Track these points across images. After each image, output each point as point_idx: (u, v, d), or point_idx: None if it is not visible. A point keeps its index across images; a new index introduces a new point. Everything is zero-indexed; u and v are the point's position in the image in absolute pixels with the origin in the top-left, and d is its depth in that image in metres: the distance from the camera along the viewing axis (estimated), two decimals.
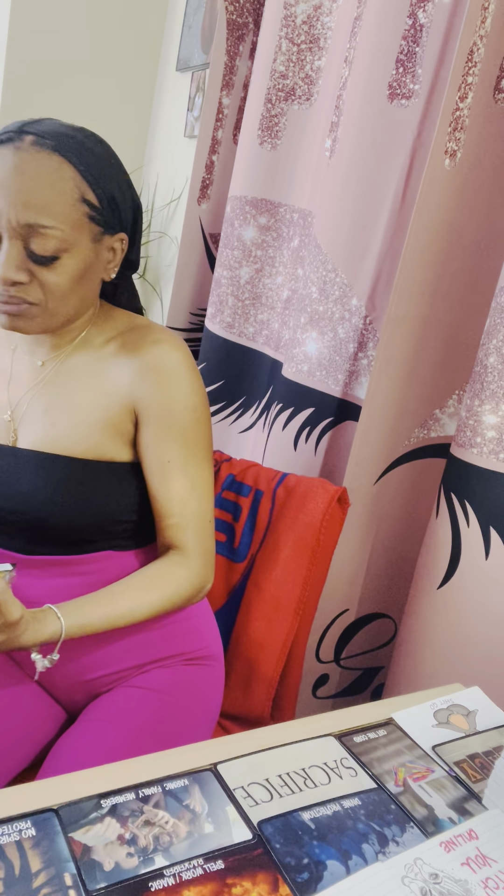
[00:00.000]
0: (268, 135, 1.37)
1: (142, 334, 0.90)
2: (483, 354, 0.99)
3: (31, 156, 0.77)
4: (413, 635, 1.10)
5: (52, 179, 0.78)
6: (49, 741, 0.91)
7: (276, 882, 0.53)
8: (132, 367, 0.88)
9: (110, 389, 0.88)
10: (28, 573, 0.90)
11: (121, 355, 0.89)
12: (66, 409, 0.89)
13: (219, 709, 0.97)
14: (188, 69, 2.26)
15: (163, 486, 0.89)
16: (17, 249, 0.78)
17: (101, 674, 0.91)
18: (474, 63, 0.99)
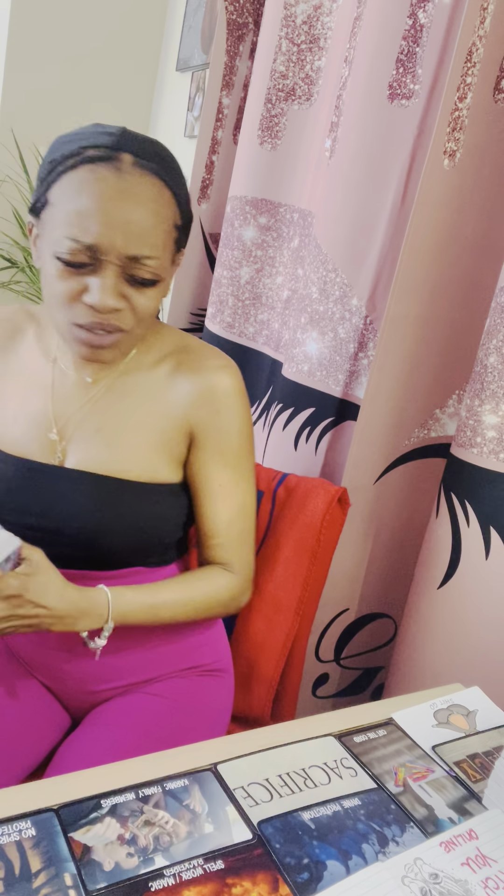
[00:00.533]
0: (268, 135, 1.37)
1: (197, 357, 0.89)
2: (483, 354, 0.99)
3: (135, 180, 0.74)
4: (413, 635, 1.10)
5: (156, 207, 0.76)
6: (52, 745, 0.91)
7: (276, 882, 0.53)
8: (190, 391, 0.87)
9: (166, 412, 0.88)
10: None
11: (177, 378, 0.88)
12: (121, 430, 0.87)
13: (228, 721, 0.97)
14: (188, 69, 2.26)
15: (212, 508, 0.90)
16: (115, 276, 0.76)
17: (113, 685, 0.91)
18: (473, 63, 0.99)
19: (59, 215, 0.75)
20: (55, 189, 0.75)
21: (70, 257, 0.74)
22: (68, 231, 0.74)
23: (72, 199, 0.74)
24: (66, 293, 0.77)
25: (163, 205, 0.77)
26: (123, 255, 0.75)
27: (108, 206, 0.73)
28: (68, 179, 0.74)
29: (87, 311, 0.77)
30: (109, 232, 0.73)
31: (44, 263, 0.79)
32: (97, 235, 0.73)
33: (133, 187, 0.74)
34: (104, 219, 0.73)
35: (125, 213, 0.74)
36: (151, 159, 0.77)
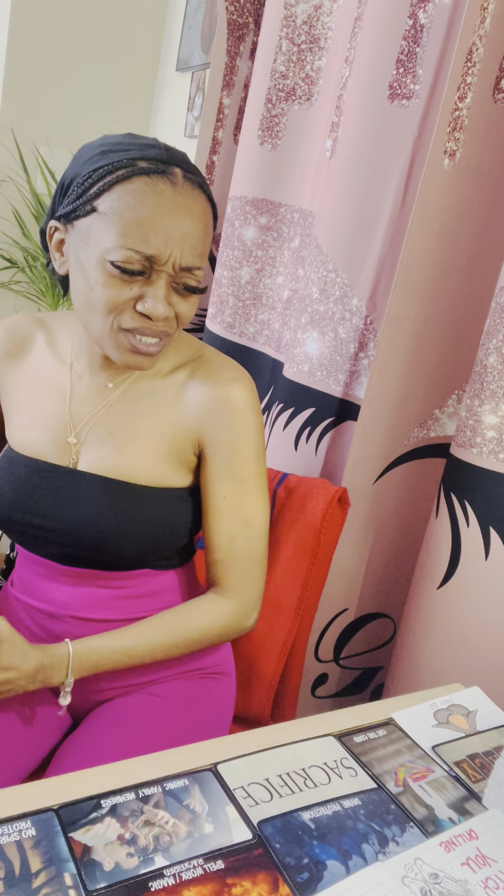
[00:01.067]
0: (268, 135, 1.37)
1: (213, 368, 0.89)
2: (483, 354, 0.99)
3: (190, 195, 0.77)
4: (413, 635, 1.10)
5: (207, 222, 0.80)
6: (52, 745, 0.91)
7: (276, 882, 0.53)
8: (203, 401, 0.87)
9: (179, 420, 0.88)
10: (63, 581, 0.90)
11: (191, 387, 0.88)
12: (134, 434, 0.87)
13: (229, 723, 0.97)
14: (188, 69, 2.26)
15: (215, 521, 0.89)
16: (168, 285, 0.78)
17: (114, 686, 0.91)
18: (473, 63, 0.99)
19: (114, 225, 0.75)
20: (106, 198, 0.76)
21: (125, 265, 0.75)
22: (127, 241, 0.75)
23: (130, 210, 0.75)
24: (115, 300, 0.77)
25: (209, 218, 0.81)
26: (179, 265, 0.77)
27: (168, 218, 0.75)
28: (123, 189, 0.75)
29: (138, 318, 0.79)
30: (169, 244, 0.75)
31: (85, 271, 0.78)
32: (157, 247, 0.75)
33: (188, 201, 0.77)
34: (164, 231, 0.75)
35: (183, 227, 0.76)
36: (195, 173, 0.80)
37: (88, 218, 0.77)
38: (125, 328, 0.79)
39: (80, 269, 0.79)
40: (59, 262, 0.84)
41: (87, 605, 0.89)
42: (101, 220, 0.76)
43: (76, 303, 0.83)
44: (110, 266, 0.76)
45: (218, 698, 0.95)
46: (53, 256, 0.84)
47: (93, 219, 0.77)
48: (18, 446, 0.91)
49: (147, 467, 0.87)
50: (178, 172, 0.77)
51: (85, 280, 0.79)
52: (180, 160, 0.79)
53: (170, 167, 0.77)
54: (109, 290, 0.77)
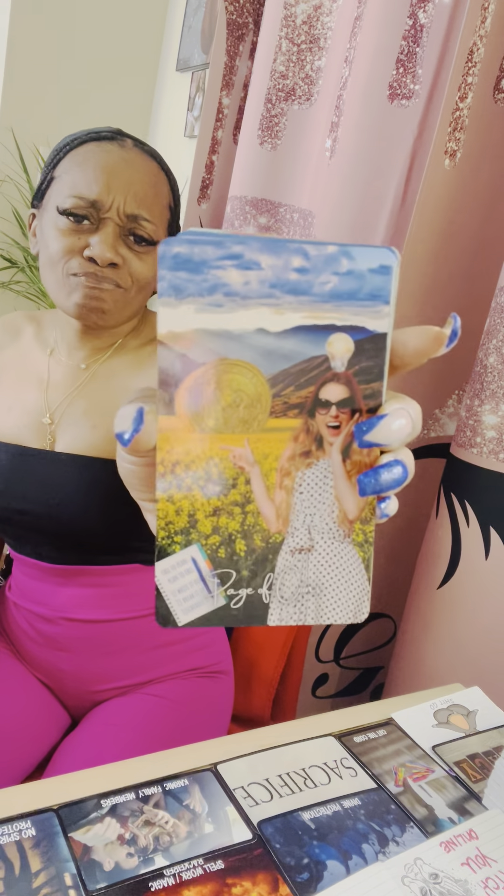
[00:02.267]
0: (268, 135, 1.37)
1: None
2: (483, 354, 0.99)
3: (137, 155, 0.83)
4: (413, 635, 1.10)
5: (154, 181, 0.84)
6: (52, 745, 0.91)
7: (276, 882, 0.53)
8: None
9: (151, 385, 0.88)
10: (54, 581, 0.90)
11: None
12: (106, 411, 0.89)
13: (227, 722, 0.97)
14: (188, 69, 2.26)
15: None
16: (115, 233, 0.82)
17: (113, 686, 0.91)
18: (474, 63, 0.99)
19: (65, 181, 0.81)
20: (61, 165, 0.83)
21: (73, 209, 0.80)
22: (73, 190, 0.81)
23: (78, 166, 0.81)
24: (66, 247, 0.81)
25: (160, 182, 0.85)
26: (124, 213, 0.81)
27: (113, 169, 0.81)
28: (74, 153, 0.82)
29: (85, 263, 0.81)
30: (111, 191, 0.80)
31: (43, 231, 0.83)
32: (100, 192, 0.80)
33: (134, 158, 0.83)
34: (108, 179, 0.80)
35: (126, 176, 0.81)
36: (148, 147, 0.86)
37: (49, 189, 0.84)
38: (73, 272, 0.82)
39: (41, 235, 0.84)
40: (33, 244, 0.88)
41: (78, 606, 0.89)
42: (57, 182, 0.83)
43: (41, 269, 0.87)
44: (58, 216, 0.81)
45: (217, 697, 0.95)
46: (31, 241, 0.89)
47: (51, 186, 0.84)
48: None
49: None
50: (128, 141, 0.84)
51: (43, 241, 0.83)
52: (133, 137, 0.86)
53: (120, 137, 0.84)
54: (60, 240, 0.81)
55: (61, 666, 0.90)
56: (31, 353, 0.95)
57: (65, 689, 0.92)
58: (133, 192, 0.81)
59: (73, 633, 0.89)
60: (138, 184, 0.82)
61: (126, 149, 0.83)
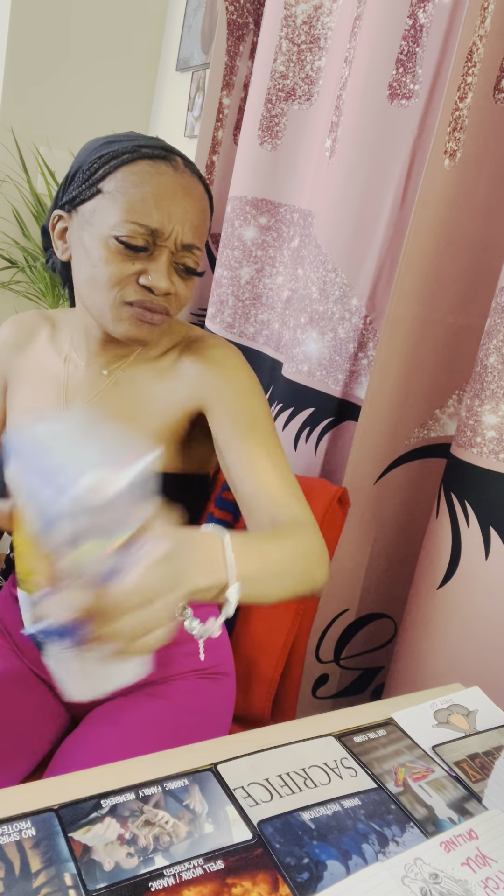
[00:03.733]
0: (268, 135, 1.37)
1: (200, 344, 0.91)
2: (483, 354, 0.99)
3: (190, 180, 0.82)
4: (413, 635, 1.10)
5: (204, 207, 0.84)
6: (52, 745, 0.91)
7: (276, 882, 0.53)
8: (194, 371, 0.88)
9: (172, 396, 0.89)
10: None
11: (181, 365, 0.89)
12: (127, 418, 0.89)
13: (229, 723, 0.97)
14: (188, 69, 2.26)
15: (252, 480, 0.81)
16: (169, 262, 0.81)
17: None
18: (474, 63, 0.99)
19: (119, 202, 0.79)
20: (111, 179, 0.80)
21: (129, 240, 0.78)
22: (132, 216, 0.78)
23: (134, 188, 0.79)
24: (118, 274, 0.80)
25: (206, 205, 0.85)
26: (181, 242, 0.80)
27: (171, 196, 0.79)
28: (128, 170, 0.80)
29: (141, 292, 0.81)
30: (171, 220, 0.79)
31: (88, 250, 0.81)
32: (161, 221, 0.79)
33: (188, 184, 0.82)
34: (167, 207, 0.79)
35: (184, 205, 0.80)
36: (194, 167, 0.85)
37: (93, 200, 0.81)
38: (128, 301, 0.81)
39: (84, 250, 0.82)
40: (62, 249, 0.87)
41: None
42: (106, 199, 0.80)
43: (78, 285, 0.85)
44: (114, 241, 0.79)
45: (218, 698, 0.95)
46: (56, 245, 0.87)
47: (97, 200, 0.80)
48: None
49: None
50: (178, 160, 0.82)
51: (88, 259, 0.82)
52: (179, 153, 0.84)
53: (171, 154, 0.82)
54: (113, 265, 0.80)
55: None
56: (46, 355, 0.95)
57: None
58: (190, 221, 0.81)
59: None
60: (193, 213, 0.81)
61: (179, 172, 0.81)
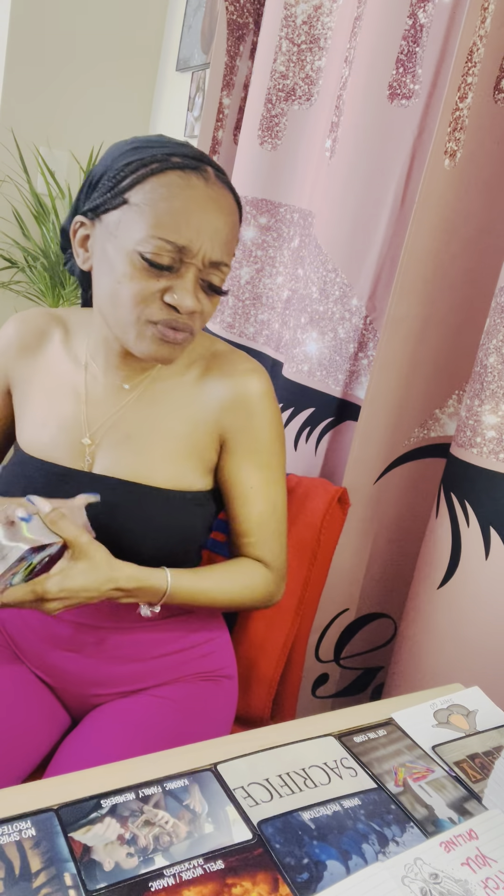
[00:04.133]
0: (268, 135, 1.37)
1: (227, 362, 0.89)
2: (483, 354, 0.99)
3: (221, 192, 0.78)
4: (413, 635, 1.10)
5: (234, 220, 0.80)
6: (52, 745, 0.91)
7: (276, 882, 0.53)
8: (220, 396, 0.87)
9: (196, 418, 0.87)
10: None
11: (207, 384, 0.88)
12: (151, 436, 0.87)
13: (230, 725, 0.97)
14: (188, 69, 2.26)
15: (244, 510, 0.90)
16: (196, 279, 0.78)
17: (117, 691, 0.91)
18: (474, 63, 0.99)
19: (146, 215, 0.75)
20: (139, 190, 0.76)
21: (155, 257, 0.75)
22: (158, 231, 0.75)
23: (163, 201, 0.75)
24: (142, 292, 0.77)
25: (236, 218, 0.81)
26: (209, 260, 0.77)
27: (200, 211, 0.76)
28: (157, 182, 0.75)
29: (165, 310, 0.78)
30: (200, 236, 0.76)
31: (112, 263, 0.78)
32: (189, 238, 0.75)
33: (220, 198, 0.78)
34: (196, 223, 0.75)
35: (214, 221, 0.76)
36: (225, 174, 0.81)
37: (118, 211, 0.77)
38: (152, 320, 0.78)
39: (107, 263, 0.79)
40: (83, 258, 0.83)
41: (93, 612, 0.88)
42: (133, 211, 0.76)
43: (99, 298, 0.82)
44: (139, 258, 0.76)
45: (220, 701, 0.95)
46: (76, 252, 0.84)
47: (123, 211, 0.77)
48: (29, 448, 0.90)
49: (165, 469, 0.86)
50: (210, 170, 0.78)
51: (111, 273, 0.78)
52: (210, 161, 0.80)
53: (202, 164, 0.78)
54: (137, 282, 0.77)
55: (67, 667, 0.90)
56: (61, 361, 0.91)
57: (67, 689, 0.92)
58: (219, 238, 0.77)
59: (84, 637, 0.89)
60: (223, 228, 0.77)
61: (210, 184, 0.77)
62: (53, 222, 2.34)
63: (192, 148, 0.79)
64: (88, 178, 0.82)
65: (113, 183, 0.78)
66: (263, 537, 0.91)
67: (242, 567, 0.91)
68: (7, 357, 0.93)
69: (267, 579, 0.91)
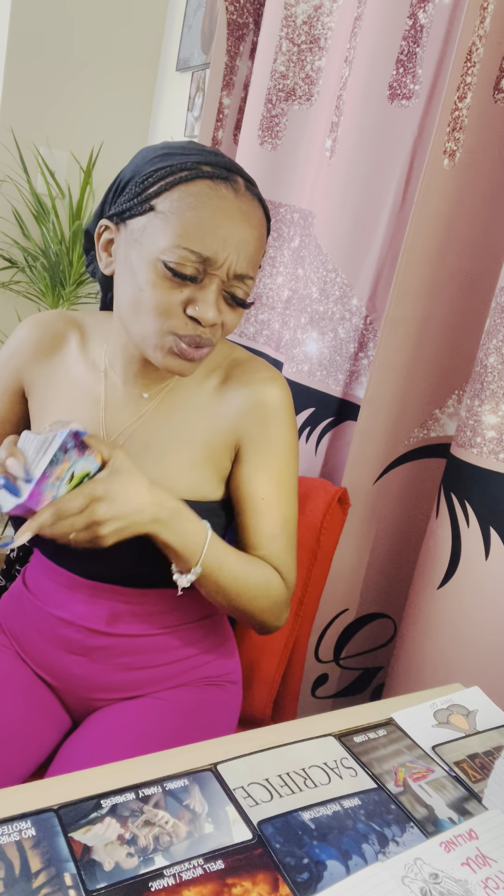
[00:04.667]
0: (268, 135, 1.37)
1: (247, 370, 0.88)
2: (483, 354, 0.99)
3: (250, 204, 0.77)
4: (413, 635, 1.10)
5: (262, 233, 0.79)
6: (53, 746, 0.90)
7: (276, 882, 0.53)
8: (239, 404, 0.86)
9: (214, 426, 0.86)
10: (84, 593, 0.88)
11: (226, 391, 0.87)
12: (169, 446, 0.86)
13: (233, 730, 0.96)
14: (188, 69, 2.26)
15: (254, 521, 0.88)
16: (219, 291, 0.77)
17: (121, 696, 0.91)
18: (473, 63, 0.99)
19: (172, 224, 0.74)
20: (166, 198, 0.75)
21: (178, 267, 0.74)
22: (184, 241, 0.73)
23: (190, 210, 0.73)
24: (165, 303, 0.76)
25: (264, 231, 0.80)
26: (234, 272, 0.76)
27: (228, 222, 0.74)
28: (186, 190, 0.74)
29: (187, 323, 0.77)
30: (226, 248, 0.74)
31: (135, 271, 0.77)
32: (215, 250, 0.74)
33: (249, 209, 0.76)
34: (224, 234, 0.74)
35: (242, 233, 0.75)
36: (255, 185, 0.80)
37: (144, 217, 0.76)
38: (173, 332, 0.77)
39: (129, 270, 0.78)
40: (106, 263, 0.82)
41: (103, 619, 0.88)
42: (159, 219, 0.75)
43: (120, 304, 0.81)
44: (162, 267, 0.74)
45: (224, 706, 0.94)
46: (100, 256, 0.83)
47: (149, 218, 0.75)
48: None
49: (183, 479, 0.85)
50: (240, 181, 0.77)
51: (133, 280, 0.77)
52: (241, 171, 0.79)
53: (233, 175, 0.76)
54: (159, 291, 0.75)
55: (72, 670, 0.90)
56: (78, 367, 0.90)
57: (70, 691, 0.91)
58: (246, 250, 0.76)
59: (91, 642, 0.88)
60: (250, 241, 0.76)
61: (240, 195, 0.76)
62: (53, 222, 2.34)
63: (224, 157, 0.78)
64: (116, 182, 0.81)
65: (140, 189, 0.76)
66: (274, 551, 0.89)
67: (262, 563, 0.88)
68: (20, 359, 0.92)
69: (281, 586, 0.88)
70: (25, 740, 0.86)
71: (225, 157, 0.79)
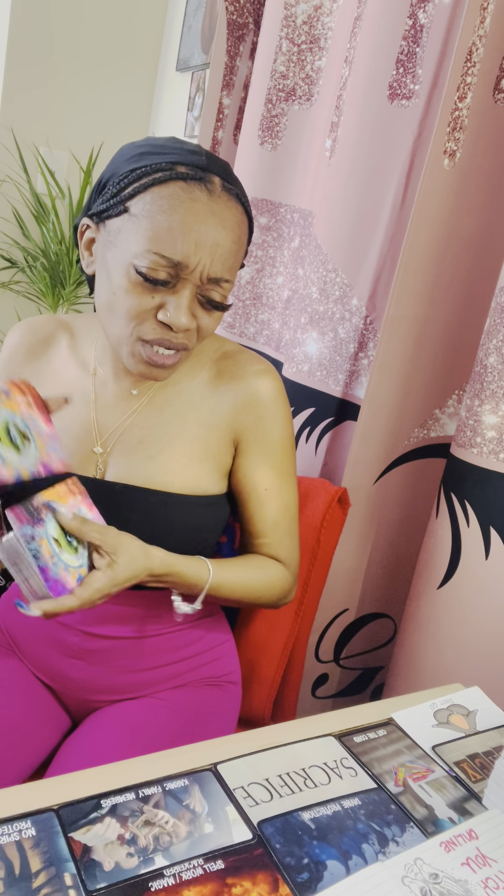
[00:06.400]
0: (268, 135, 1.37)
1: (238, 363, 0.88)
2: (483, 354, 0.99)
3: (226, 205, 0.75)
4: (413, 635, 1.10)
5: (239, 234, 0.77)
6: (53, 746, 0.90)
7: (276, 882, 0.53)
8: (232, 398, 0.87)
9: (209, 421, 0.87)
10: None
11: (219, 385, 0.87)
12: (164, 441, 0.86)
13: (233, 730, 0.96)
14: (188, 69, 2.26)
15: (258, 512, 0.90)
16: (193, 296, 0.76)
17: (119, 697, 0.91)
18: (473, 63, 0.99)
19: (143, 228, 0.73)
20: (140, 200, 0.74)
21: (150, 273, 0.73)
22: (155, 245, 0.73)
23: (162, 214, 0.73)
24: (137, 308, 0.75)
25: (243, 231, 0.78)
26: (207, 276, 0.75)
27: (200, 226, 0.73)
28: (158, 193, 0.73)
29: (158, 328, 0.77)
30: (198, 252, 0.73)
31: (110, 273, 0.77)
32: (186, 254, 0.73)
33: (223, 211, 0.75)
34: (195, 238, 0.73)
35: (215, 236, 0.74)
36: (235, 184, 0.78)
37: (120, 219, 0.76)
38: (144, 339, 0.77)
39: (106, 272, 0.78)
40: (87, 262, 0.82)
41: (100, 622, 0.88)
42: (132, 222, 0.74)
43: (99, 305, 0.81)
44: (134, 273, 0.74)
45: (224, 706, 0.94)
46: (82, 255, 0.83)
47: (123, 220, 0.75)
48: None
49: (180, 474, 0.85)
50: (216, 181, 0.75)
51: (109, 283, 0.77)
52: (221, 169, 0.77)
53: (209, 175, 0.75)
54: (132, 297, 0.75)
55: (71, 674, 0.90)
56: (69, 367, 0.90)
57: (69, 693, 0.91)
58: (220, 253, 0.74)
59: (89, 645, 0.88)
60: (225, 243, 0.75)
61: (214, 196, 0.74)
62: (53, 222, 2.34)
63: (202, 156, 0.76)
64: (98, 179, 0.81)
65: (117, 189, 0.76)
66: (278, 537, 0.91)
67: (261, 562, 0.91)
68: (13, 364, 0.92)
69: (284, 576, 0.91)
70: (25, 740, 0.86)
71: (205, 154, 0.77)
